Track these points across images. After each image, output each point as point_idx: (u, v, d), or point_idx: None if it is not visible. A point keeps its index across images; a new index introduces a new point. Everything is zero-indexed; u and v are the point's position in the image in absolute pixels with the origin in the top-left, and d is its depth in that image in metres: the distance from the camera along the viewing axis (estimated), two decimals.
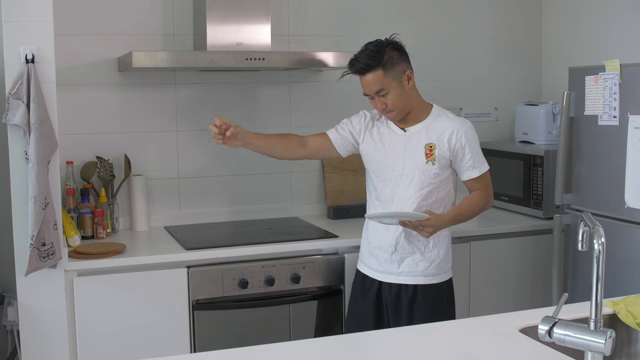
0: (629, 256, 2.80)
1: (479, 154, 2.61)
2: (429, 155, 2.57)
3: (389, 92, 2.53)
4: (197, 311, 2.84)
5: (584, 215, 1.63)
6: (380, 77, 2.51)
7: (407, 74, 2.57)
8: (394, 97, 2.54)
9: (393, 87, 2.53)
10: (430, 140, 2.58)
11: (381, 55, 2.51)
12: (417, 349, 1.78)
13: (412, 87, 2.59)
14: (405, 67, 2.57)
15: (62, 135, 2.82)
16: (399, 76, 2.54)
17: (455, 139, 2.57)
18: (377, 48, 2.53)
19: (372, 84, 2.53)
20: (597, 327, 1.55)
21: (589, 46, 3.63)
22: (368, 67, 2.51)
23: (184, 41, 3.31)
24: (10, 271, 2.71)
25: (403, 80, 2.55)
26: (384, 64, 2.50)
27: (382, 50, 2.52)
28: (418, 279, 2.61)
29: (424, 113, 2.64)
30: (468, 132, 2.59)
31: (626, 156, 2.77)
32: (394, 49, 2.55)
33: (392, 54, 2.54)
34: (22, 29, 2.52)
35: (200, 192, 3.43)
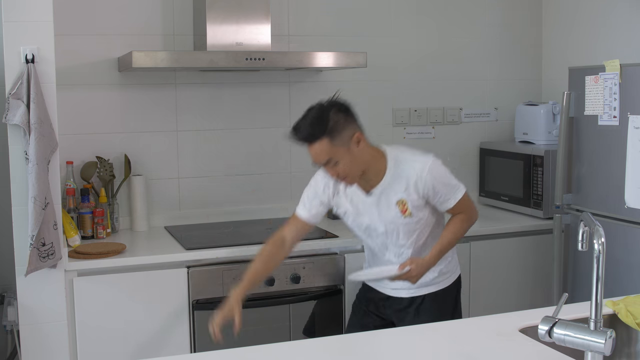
0: (629, 256, 2.80)
1: (449, 184, 2.45)
2: (404, 211, 2.42)
3: (338, 160, 2.31)
4: (197, 311, 2.84)
5: (584, 215, 1.63)
6: (327, 146, 2.28)
7: (356, 137, 2.33)
8: (345, 165, 2.32)
9: (342, 154, 2.30)
10: (398, 196, 2.41)
11: (325, 121, 2.27)
12: (417, 349, 1.78)
13: (363, 148, 2.36)
14: (353, 129, 2.33)
15: (62, 135, 2.82)
16: (347, 142, 2.30)
17: (422, 185, 2.40)
18: (320, 114, 2.30)
19: (320, 154, 2.30)
20: (597, 327, 1.55)
21: (589, 46, 3.63)
22: (312, 136, 2.28)
23: (184, 41, 3.31)
24: (10, 271, 2.71)
25: (352, 145, 2.32)
26: (329, 131, 2.27)
27: (325, 115, 2.29)
28: (429, 288, 2.56)
29: (382, 168, 2.42)
30: (432, 172, 2.40)
31: (626, 156, 2.77)
32: (338, 112, 2.32)
33: (337, 118, 2.30)
34: (22, 29, 2.52)
35: (200, 192, 3.43)
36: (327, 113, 2.30)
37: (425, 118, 3.79)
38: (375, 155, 2.43)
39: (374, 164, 2.42)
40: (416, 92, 3.76)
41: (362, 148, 2.36)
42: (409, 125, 3.76)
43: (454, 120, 3.84)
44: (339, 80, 3.59)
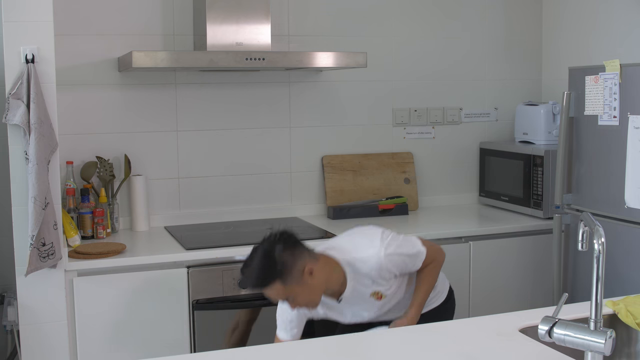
0: (629, 256, 2.80)
1: (409, 255, 2.39)
2: (379, 297, 2.37)
3: (295, 296, 2.22)
4: (197, 311, 2.84)
5: (584, 215, 1.63)
6: (281, 288, 2.19)
7: (308, 270, 2.22)
8: (303, 298, 2.24)
9: (298, 290, 2.21)
10: (369, 290, 2.36)
11: (273, 267, 2.18)
12: (417, 349, 1.78)
13: (317, 276, 2.24)
14: (303, 264, 2.21)
15: (62, 135, 2.82)
16: (299, 277, 2.20)
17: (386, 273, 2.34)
18: (265, 259, 2.19)
19: (276, 296, 2.23)
20: (597, 327, 1.55)
21: (589, 46, 3.63)
22: (262, 284, 2.19)
23: (184, 41, 3.31)
24: (10, 271, 2.71)
25: (305, 278, 2.21)
26: (279, 274, 2.17)
27: (271, 259, 2.18)
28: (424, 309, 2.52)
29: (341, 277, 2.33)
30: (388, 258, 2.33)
31: (626, 156, 2.76)
32: (285, 250, 2.21)
33: (285, 258, 2.19)
34: (22, 29, 2.52)
35: (200, 192, 3.43)
36: (272, 256, 2.19)
37: (425, 118, 3.79)
38: (329, 271, 2.30)
39: (333, 279, 2.31)
40: (416, 92, 3.76)
41: (317, 276, 2.24)
42: (409, 125, 3.76)
43: (454, 120, 3.84)
44: (339, 80, 3.60)
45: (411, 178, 3.73)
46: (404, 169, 3.73)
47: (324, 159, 3.60)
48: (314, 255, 2.29)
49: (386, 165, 3.70)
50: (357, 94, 3.66)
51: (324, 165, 3.60)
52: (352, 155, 3.66)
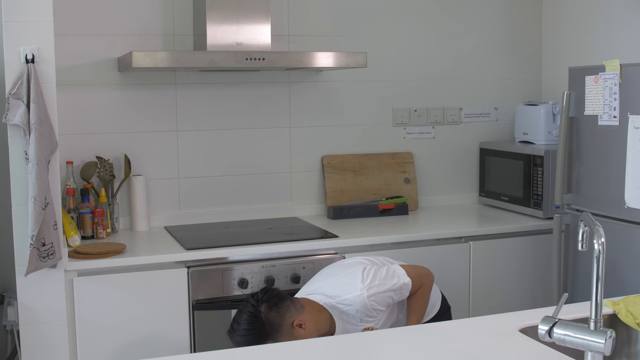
0: (629, 256, 2.79)
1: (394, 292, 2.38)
2: (371, 329, 2.37)
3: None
4: (197, 311, 2.84)
5: (584, 215, 1.63)
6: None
7: (297, 324, 2.23)
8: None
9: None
10: (360, 327, 2.37)
11: (260, 330, 2.18)
12: (417, 349, 1.78)
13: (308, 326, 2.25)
14: (290, 319, 2.23)
15: (62, 135, 2.82)
16: (289, 333, 2.22)
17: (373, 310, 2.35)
18: (252, 325, 2.18)
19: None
20: (597, 327, 1.55)
21: (589, 46, 3.63)
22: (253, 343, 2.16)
23: (184, 41, 3.31)
24: (10, 271, 2.71)
25: (296, 332, 2.23)
26: (268, 334, 2.19)
27: (258, 324, 2.18)
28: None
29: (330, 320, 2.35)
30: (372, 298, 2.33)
31: (626, 156, 2.76)
32: (270, 309, 2.21)
33: (271, 317, 2.20)
34: (22, 29, 2.52)
35: (200, 192, 3.43)
36: (259, 318, 2.19)
37: (425, 118, 3.79)
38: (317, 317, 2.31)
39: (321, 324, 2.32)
40: (416, 92, 3.76)
41: (307, 327, 2.25)
42: (409, 125, 3.76)
43: (454, 120, 3.84)
44: (339, 80, 3.60)
45: (411, 178, 3.73)
46: (404, 169, 3.73)
47: (324, 159, 3.60)
48: (299, 306, 2.27)
49: (386, 165, 3.70)
50: (357, 94, 3.66)
51: (324, 165, 3.60)
52: (352, 155, 3.66)
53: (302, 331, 2.23)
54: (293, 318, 2.24)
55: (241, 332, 2.20)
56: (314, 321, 2.29)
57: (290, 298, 2.29)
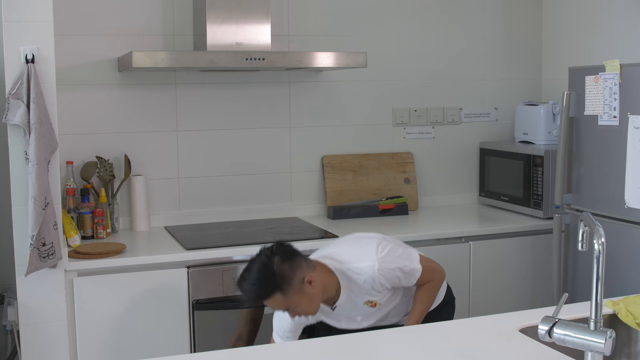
0: (629, 256, 2.79)
1: (403, 273, 2.38)
2: (373, 305, 2.40)
3: (296, 306, 2.23)
4: (197, 311, 2.84)
5: (584, 215, 1.63)
6: (280, 299, 2.19)
7: (307, 280, 2.23)
8: (303, 308, 2.25)
9: (297, 300, 2.22)
10: (363, 299, 2.38)
11: (271, 279, 2.17)
12: (417, 349, 1.78)
13: (316, 285, 2.26)
14: (301, 274, 2.22)
15: (62, 135, 2.82)
16: (299, 288, 2.21)
17: (379, 285, 2.34)
18: (264, 274, 2.18)
19: (276, 307, 2.24)
20: (597, 327, 1.55)
21: (589, 46, 3.63)
22: (262, 297, 2.20)
23: (184, 41, 3.31)
24: (10, 271, 2.71)
25: (305, 290, 2.22)
26: (278, 285, 2.18)
27: (270, 274, 2.18)
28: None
29: (335, 285, 2.34)
30: (382, 272, 2.33)
31: (626, 156, 2.76)
32: (283, 261, 2.20)
33: (283, 269, 2.19)
34: (22, 29, 2.52)
35: (200, 192, 3.43)
36: (271, 268, 2.18)
37: (425, 118, 3.79)
38: (325, 280, 2.32)
39: (328, 287, 2.33)
40: (416, 92, 3.76)
41: (316, 285, 2.26)
42: (409, 125, 3.76)
43: (454, 120, 3.84)
44: (339, 80, 3.60)
45: (411, 178, 3.73)
46: (404, 169, 3.73)
47: (324, 159, 3.60)
48: (310, 264, 2.28)
49: (386, 165, 3.70)
50: (357, 94, 3.66)
51: (324, 165, 3.60)
52: (352, 155, 3.66)
53: (311, 289, 2.23)
54: (304, 274, 2.23)
55: (252, 281, 2.19)
56: (323, 282, 2.30)
57: (303, 255, 2.30)
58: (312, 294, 2.24)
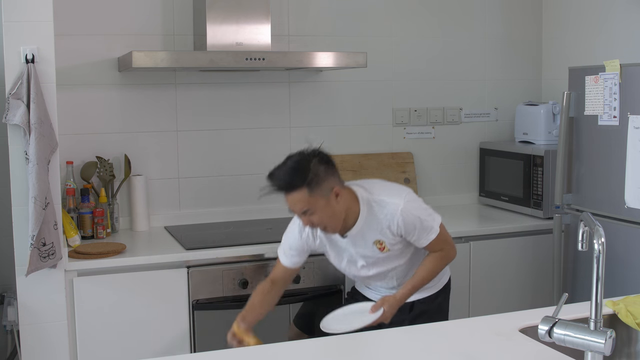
0: (629, 256, 2.80)
1: (422, 226, 2.41)
2: (382, 248, 2.42)
3: (315, 211, 2.27)
4: (197, 311, 2.84)
5: (584, 215, 1.63)
6: (305, 197, 2.24)
7: (335, 191, 2.29)
8: (322, 217, 2.29)
9: (320, 206, 2.26)
10: (374, 237, 2.41)
11: (305, 172, 2.23)
12: (417, 349, 1.78)
13: (341, 201, 2.32)
14: (333, 182, 2.30)
15: (62, 135, 2.82)
16: (326, 194, 2.26)
17: (395, 228, 2.38)
18: (300, 165, 2.25)
19: (297, 203, 2.26)
20: (597, 327, 1.55)
21: (589, 46, 3.63)
22: (290, 186, 2.24)
23: (184, 41, 3.31)
24: (10, 271, 2.71)
25: (330, 198, 2.28)
26: (309, 182, 2.22)
27: (306, 166, 2.24)
28: (419, 294, 2.56)
29: (355, 212, 2.40)
30: (404, 215, 2.37)
31: (626, 156, 2.77)
32: (320, 163, 2.27)
33: (318, 170, 2.25)
34: (22, 29, 2.52)
35: (200, 192, 3.43)
36: (307, 163, 2.24)
37: (425, 118, 3.79)
38: (350, 205, 2.37)
39: (349, 212, 2.37)
40: (416, 92, 3.76)
41: (340, 201, 2.30)
42: (409, 125, 3.76)
43: (454, 120, 3.84)
44: (339, 80, 3.60)
45: (411, 178, 3.73)
46: (404, 169, 3.73)
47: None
48: (342, 182, 2.34)
49: (386, 165, 3.70)
50: (357, 94, 3.66)
51: None
52: (352, 155, 3.66)
53: (335, 202, 2.29)
54: (334, 184, 2.29)
55: (287, 169, 2.25)
56: (346, 204, 2.35)
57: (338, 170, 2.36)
58: (335, 208, 2.29)
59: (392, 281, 2.55)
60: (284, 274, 2.58)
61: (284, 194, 2.28)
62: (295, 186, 2.23)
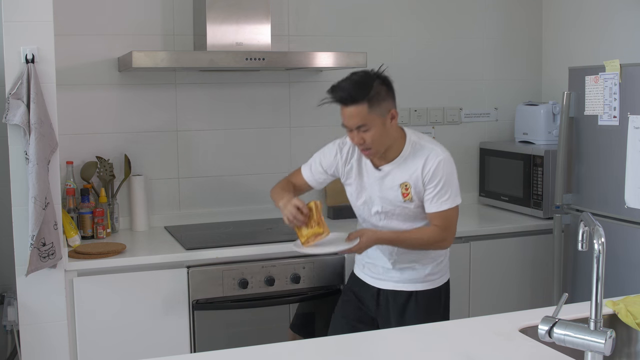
0: (629, 256, 2.80)
1: (443, 187, 2.42)
2: (406, 194, 2.45)
3: (370, 129, 2.33)
4: (197, 311, 2.84)
5: (584, 215, 1.63)
6: (364, 112, 2.30)
7: (392, 113, 2.37)
8: (374, 135, 2.34)
9: (375, 124, 2.33)
10: (404, 178, 2.44)
11: (368, 88, 2.30)
12: (417, 349, 1.78)
13: (394, 126, 2.41)
14: (390, 105, 2.38)
15: (62, 135, 2.82)
16: (383, 114, 2.34)
17: (426, 172, 2.42)
18: (365, 80, 2.32)
19: (354, 117, 2.32)
20: (597, 327, 1.55)
21: (589, 46, 3.63)
22: (352, 99, 2.30)
23: (184, 41, 3.31)
24: (10, 271, 2.71)
25: (386, 119, 2.36)
26: (370, 98, 2.30)
27: (370, 82, 2.32)
28: (417, 285, 2.57)
29: (398, 149, 2.46)
30: (439, 166, 2.41)
31: (626, 156, 2.77)
32: (382, 84, 2.35)
33: (380, 89, 2.33)
34: (22, 29, 2.52)
35: (200, 192, 3.43)
36: (371, 81, 2.33)
37: (425, 118, 3.79)
38: (398, 137, 2.46)
39: (396, 142, 2.45)
40: (416, 92, 3.76)
41: (394, 125, 2.40)
42: (409, 125, 3.76)
43: (454, 120, 3.84)
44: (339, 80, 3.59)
45: None
46: None
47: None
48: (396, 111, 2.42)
49: None
50: None
51: None
52: None
53: (389, 124, 2.37)
54: (392, 107, 2.38)
55: (351, 83, 2.32)
56: (396, 133, 2.44)
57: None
58: (387, 130, 2.37)
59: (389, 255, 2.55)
60: (299, 184, 2.68)
61: (342, 107, 2.35)
62: (357, 100, 2.30)
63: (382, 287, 2.60)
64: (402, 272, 2.56)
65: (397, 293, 2.57)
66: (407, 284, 2.56)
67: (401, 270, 2.56)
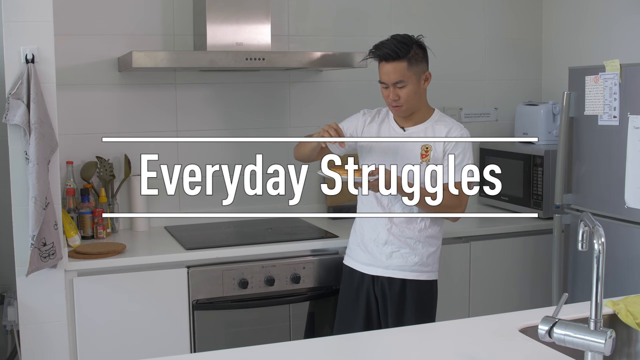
0: (629, 256, 2.80)
1: (462, 160, 2.60)
2: (424, 156, 2.60)
3: (406, 86, 2.54)
4: (197, 311, 2.84)
5: (584, 215, 1.63)
6: (404, 68, 2.52)
7: (426, 75, 2.60)
8: (409, 93, 2.55)
9: (411, 82, 2.54)
10: (427, 141, 2.61)
11: (409, 48, 2.53)
12: (417, 349, 1.78)
13: (426, 89, 2.63)
14: (425, 67, 2.61)
15: (62, 135, 2.82)
16: (419, 74, 2.57)
17: (449, 140, 2.60)
18: (406, 40, 2.55)
19: (394, 73, 2.53)
20: (597, 327, 1.55)
21: (589, 46, 3.63)
22: (395, 55, 2.51)
23: (184, 41, 3.31)
24: (11, 271, 2.71)
25: (421, 79, 2.58)
26: (409, 57, 2.52)
27: (410, 43, 2.54)
28: (406, 273, 2.62)
29: (426, 116, 2.66)
30: (464, 137, 2.63)
31: (626, 156, 2.77)
32: (419, 48, 2.58)
33: (418, 51, 2.56)
34: (22, 29, 2.52)
35: (200, 192, 3.42)
36: (411, 42, 2.54)
37: None
38: (427, 103, 2.68)
39: (424, 109, 2.65)
40: None
41: (425, 88, 2.62)
42: None
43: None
44: (339, 80, 3.60)
45: None
46: None
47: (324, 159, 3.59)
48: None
49: None
50: (357, 94, 3.65)
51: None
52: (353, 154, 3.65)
53: (422, 85, 2.59)
54: (427, 69, 2.60)
55: (394, 41, 2.53)
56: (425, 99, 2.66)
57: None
58: (420, 90, 2.58)
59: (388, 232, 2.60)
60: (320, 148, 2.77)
61: (383, 63, 2.54)
62: (398, 56, 2.50)
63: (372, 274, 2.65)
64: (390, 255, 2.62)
65: (390, 280, 2.62)
66: (396, 271, 2.62)
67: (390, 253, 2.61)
